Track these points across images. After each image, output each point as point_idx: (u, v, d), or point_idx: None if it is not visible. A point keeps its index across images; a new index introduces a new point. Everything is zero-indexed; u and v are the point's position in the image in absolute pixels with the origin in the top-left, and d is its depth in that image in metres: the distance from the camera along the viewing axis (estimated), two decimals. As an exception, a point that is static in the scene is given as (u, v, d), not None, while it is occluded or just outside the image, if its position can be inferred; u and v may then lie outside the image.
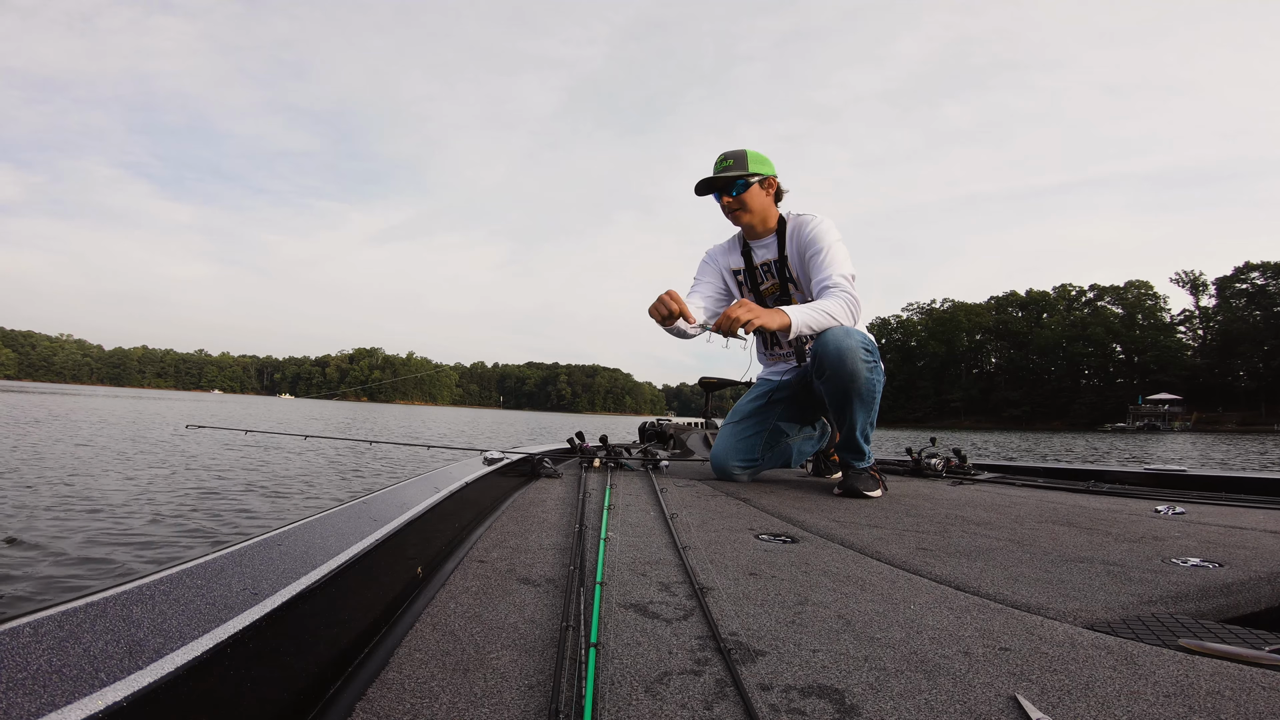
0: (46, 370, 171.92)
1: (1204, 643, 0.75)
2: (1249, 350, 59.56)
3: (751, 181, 2.25)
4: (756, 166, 2.26)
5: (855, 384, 2.10)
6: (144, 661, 0.43)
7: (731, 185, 2.26)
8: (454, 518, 1.27)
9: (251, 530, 3.42)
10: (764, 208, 2.30)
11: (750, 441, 2.47)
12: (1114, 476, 2.58)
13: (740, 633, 0.78)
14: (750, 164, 2.26)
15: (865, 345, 2.11)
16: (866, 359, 2.11)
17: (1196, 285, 68.83)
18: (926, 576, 1.09)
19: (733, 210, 2.30)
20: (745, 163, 2.26)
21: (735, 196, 2.26)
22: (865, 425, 2.20)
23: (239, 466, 6.15)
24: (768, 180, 2.28)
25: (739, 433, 2.48)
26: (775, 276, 2.39)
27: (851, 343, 2.08)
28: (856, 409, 2.16)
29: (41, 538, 3.00)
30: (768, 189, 2.29)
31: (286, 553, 0.73)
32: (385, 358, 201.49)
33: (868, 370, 2.11)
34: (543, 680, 0.64)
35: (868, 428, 2.22)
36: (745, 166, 2.25)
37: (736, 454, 2.46)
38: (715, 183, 2.28)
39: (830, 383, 2.15)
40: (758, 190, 2.27)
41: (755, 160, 2.27)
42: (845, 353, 2.08)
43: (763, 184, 2.28)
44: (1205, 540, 1.39)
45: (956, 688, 0.64)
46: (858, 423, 2.18)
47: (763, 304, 2.39)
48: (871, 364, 2.13)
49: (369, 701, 0.59)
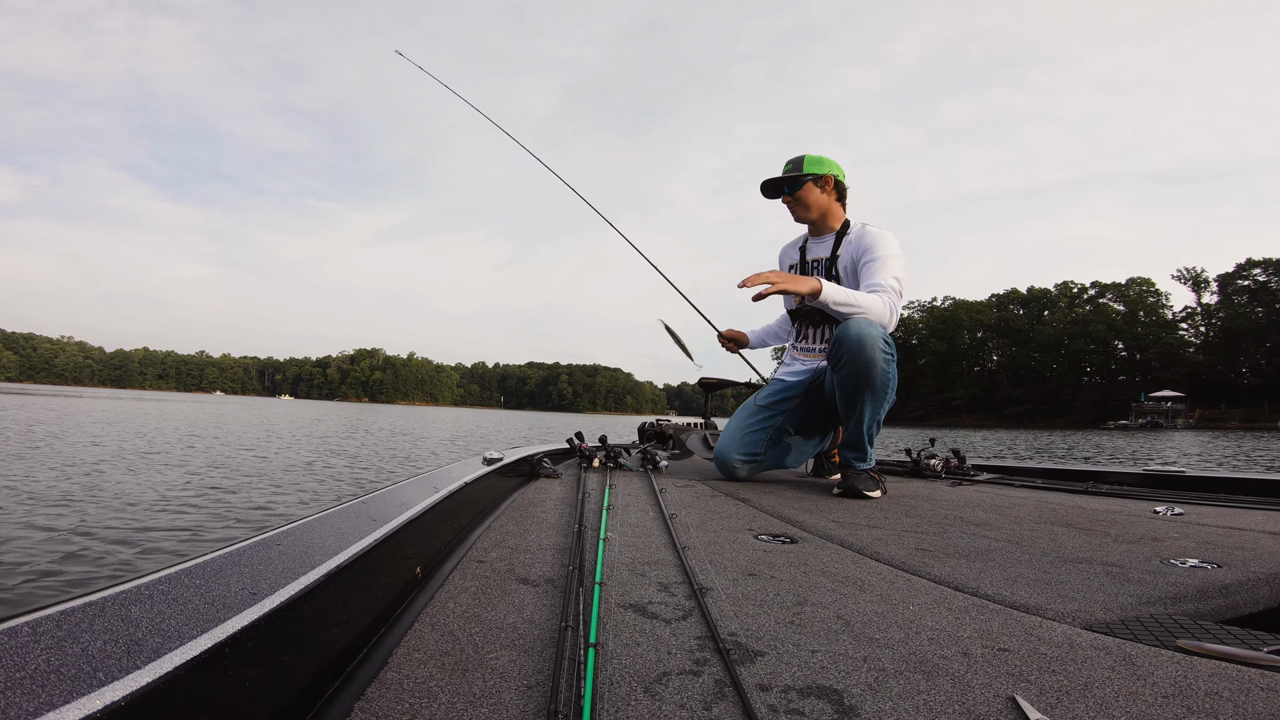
0: (48, 372, 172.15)
1: (1202, 644, 0.75)
2: (1251, 347, 59.45)
3: (805, 180, 2.39)
4: (812, 167, 2.41)
5: (871, 372, 2.12)
6: (142, 661, 0.43)
7: (789, 185, 2.43)
8: (453, 518, 1.27)
9: (250, 530, 3.43)
10: (823, 206, 2.43)
11: (755, 437, 2.50)
12: (1113, 477, 2.58)
13: (739, 633, 0.78)
14: (806, 165, 2.41)
15: (885, 338, 2.15)
16: (885, 350, 2.14)
17: (1198, 282, 68.70)
18: (925, 577, 1.09)
19: (792, 208, 2.46)
20: (801, 165, 2.41)
21: (792, 195, 2.43)
22: (872, 423, 2.21)
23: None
24: (823, 179, 2.41)
25: (747, 427, 2.52)
26: (821, 273, 2.45)
27: (874, 331, 2.12)
28: (867, 401, 2.17)
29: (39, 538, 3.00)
30: (824, 187, 2.42)
31: (285, 552, 0.73)
32: (386, 358, 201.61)
33: (884, 362, 2.13)
34: (542, 680, 0.64)
35: (874, 426, 2.22)
36: (801, 168, 2.41)
37: (740, 448, 2.50)
38: (774, 183, 2.45)
39: (846, 369, 2.16)
40: (813, 188, 2.41)
41: (812, 162, 2.42)
42: (865, 340, 2.10)
43: (818, 182, 2.41)
44: (1204, 541, 1.39)
45: (955, 688, 0.64)
46: (865, 416, 2.19)
47: (803, 302, 2.48)
48: (889, 357, 2.15)
49: (368, 701, 0.59)
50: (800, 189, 2.40)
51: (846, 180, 2.46)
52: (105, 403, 27.89)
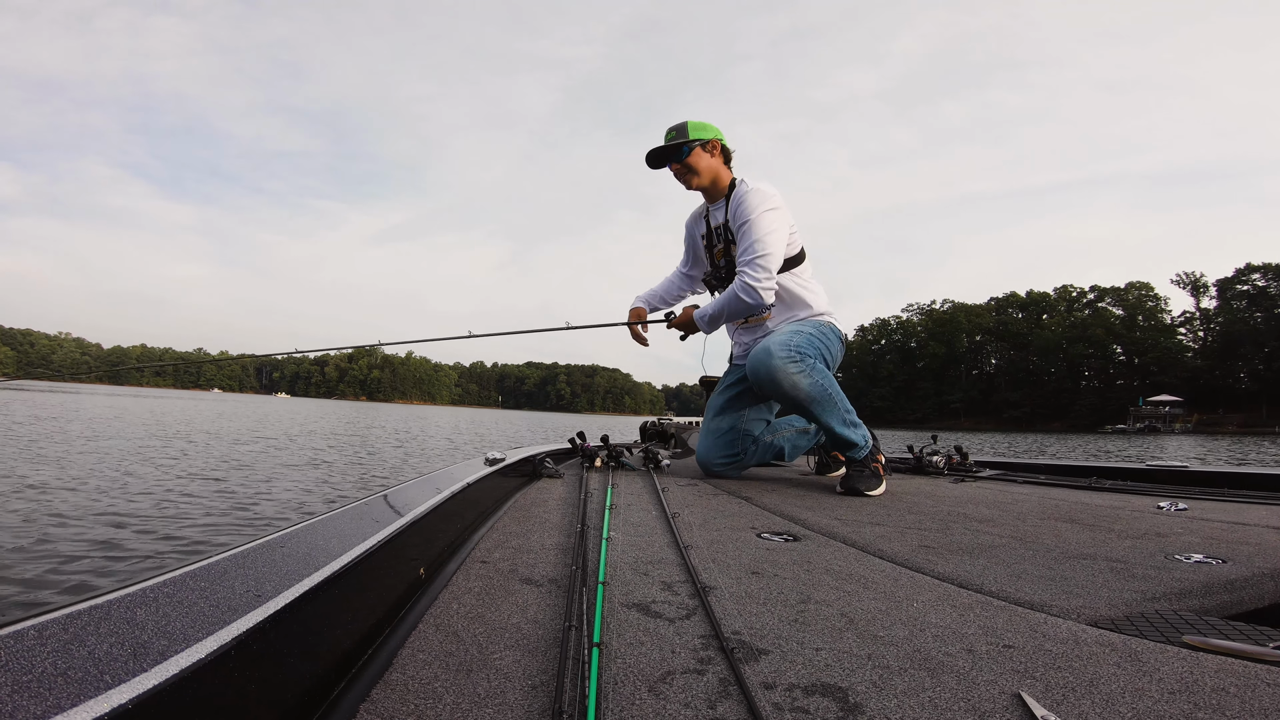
0: (45, 369, 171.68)
1: (1208, 639, 0.75)
2: (1250, 352, 59.49)
3: (693, 145, 2.33)
4: (697, 133, 2.34)
5: (798, 395, 2.16)
6: (148, 664, 0.43)
7: (675, 153, 2.34)
8: (456, 518, 1.27)
9: (255, 532, 3.42)
10: (712, 170, 2.37)
11: (728, 438, 2.50)
12: (1116, 473, 2.58)
13: (743, 631, 0.78)
14: (691, 131, 2.34)
15: (790, 357, 2.14)
16: (796, 369, 2.13)
17: (1197, 286, 68.78)
18: (929, 574, 1.09)
19: (681, 176, 2.38)
20: (686, 131, 2.34)
21: (681, 163, 2.35)
22: (838, 419, 2.22)
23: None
24: (709, 143, 2.35)
25: (716, 429, 2.52)
26: (721, 241, 2.44)
27: (775, 362, 2.13)
28: (817, 413, 2.21)
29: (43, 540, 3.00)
30: (711, 151, 2.36)
31: (289, 554, 0.73)
32: (384, 357, 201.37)
33: (805, 379, 2.14)
34: (546, 680, 0.64)
35: (843, 418, 2.22)
36: (686, 134, 2.34)
37: (717, 450, 2.50)
38: (662, 153, 2.37)
39: (779, 400, 2.23)
40: (701, 153, 2.34)
41: (696, 128, 2.35)
42: (774, 372, 2.14)
43: (705, 147, 2.35)
44: (1208, 536, 1.39)
45: (960, 685, 0.64)
46: (828, 421, 2.21)
47: (714, 266, 2.51)
48: (803, 370, 2.14)
49: (373, 703, 0.59)
50: (690, 155, 2.33)
51: (728, 143, 2.40)
52: (109, 400, 27.80)
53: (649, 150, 2.37)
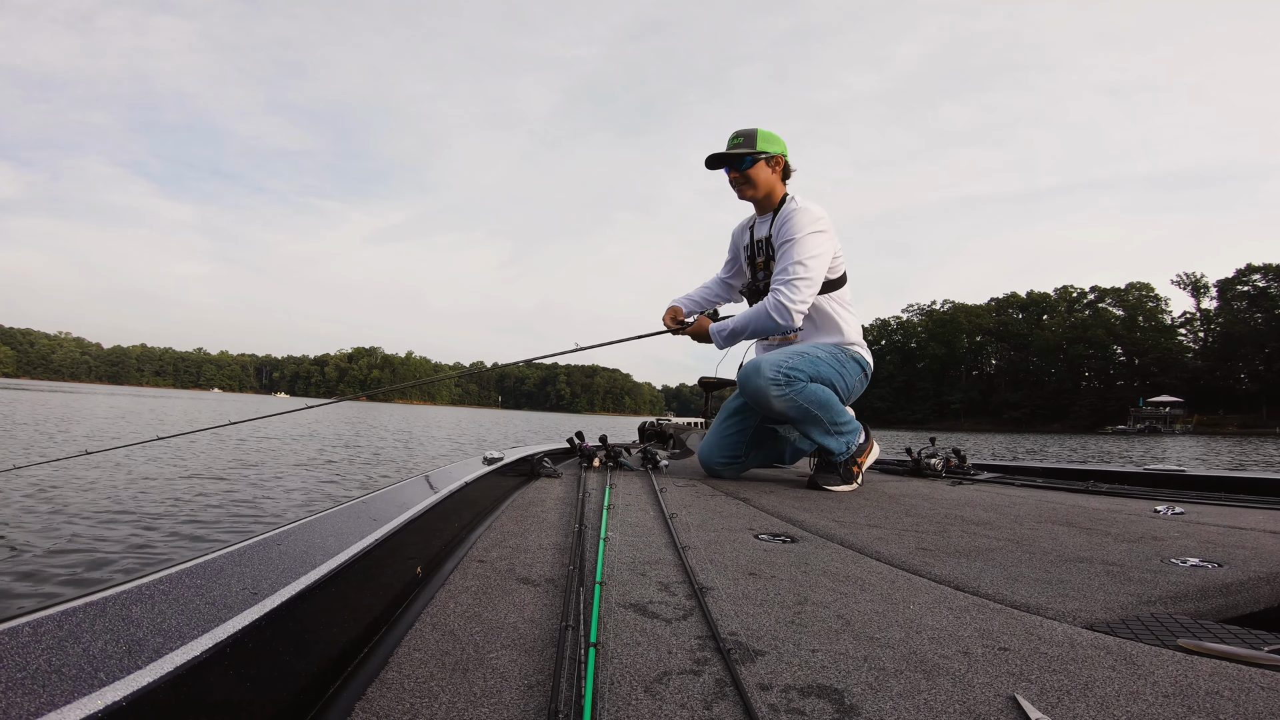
0: (45, 368, 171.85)
1: (1203, 643, 0.75)
2: (1250, 353, 59.54)
3: (759, 158, 2.30)
4: (765, 145, 2.32)
5: (777, 415, 2.21)
6: (143, 661, 0.43)
7: (739, 161, 2.31)
8: (453, 517, 1.27)
9: (252, 530, 3.42)
10: (769, 184, 2.35)
11: (733, 439, 2.52)
12: (1113, 476, 2.59)
13: (740, 632, 0.78)
14: (759, 142, 2.31)
15: (775, 380, 2.15)
16: (778, 391, 2.15)
17: (1198, 287, 68.83)
18: (926, 576, 1.09)
19: (738, 185, 2.37)
20: (754, 141, 2.32)
21: (741, 172, 2.32)
22: (819, 430, 2.26)
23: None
24: (774, 158, 2.33)
25: (724, 430, 2.54)
26: (764, 254, 2.44)
27: (760, 382, 2.15)
28: (803, 429, 2.26)
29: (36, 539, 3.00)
30: (774, 167, 2.34)
31: (286, 552, 0.73)
32: (384, 357, 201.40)
33: (785, 402, 2.17)
34: (542, 680, 0.64)
35: (827, 429, 2.26)
36: (754, 144, 2.31)
37: (720, 450, 2.52)
38: (724, 158, 2.34)
39: (765, 415, 2.28)
40: (764, 167, 2.32)
41: (764, 139, 2.32)
42: (757, 391, 2.17)
43: (769, 161, 2.32)
44: (1204, 540, 1.39)
45: (956, 687, 0.64)
46: (809, 432, 2.27)
47: (754, 277, 2.49)
48: (785, 394, 2.16)
49: (368, 701, 0.59)
50: (751, 166, 2.30)
51: (792, 159, 2.39)
52: (112, 399, 27.77)
53: (710, 154, 2.35)
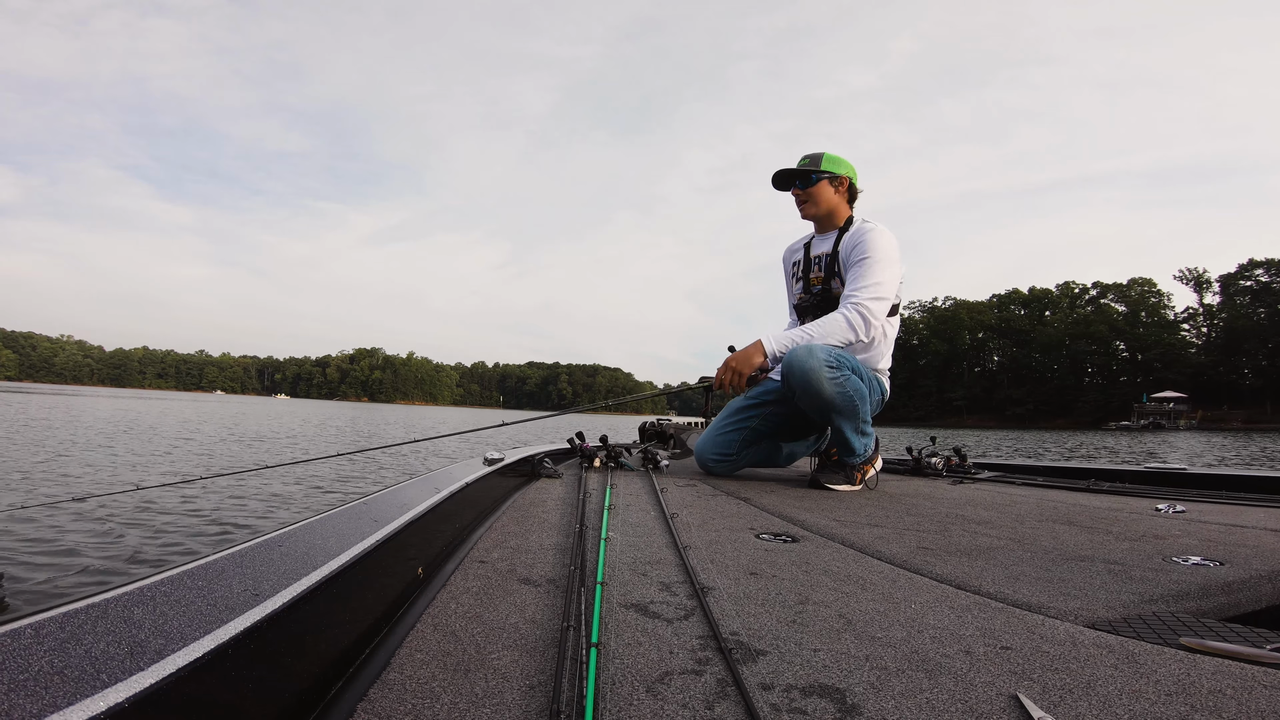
0: (47, 371, 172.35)
1: (1205, 641, 0.75)
2: (1254, 348, 59.41)
3: (822, 176, 2.37)
4: (830, 166, 2.39)
5: (825, 401, 2.16)
6: (145, 663, 0.43)
7: (803, 178, 2.40)
8: (454, 518, 1.27)
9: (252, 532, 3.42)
10: (832, 204, 2.41)
11: (728, 438, 2.53)
12: (1114, 475, 2.58)
13: (741, 632, 0.78)
14: (824, 163, 2.39)
15: (829, 362, 2.14)
16: (832, 375, 2.13)
17: (1200, 282, 68.65)
18: (927, 575, 1.09)
19: (801, 203, 2.44)
20: (820, 161, 2.40)
21: (804, 190, 2.40)
22: (852, 427, 2.24)
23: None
24: (839, 179, 2.39)
25: (723, 427, 2.56)
26: (823, 270, 2.45)
27: (814, 363, 2.12)
28: (838, 421, 2.23)
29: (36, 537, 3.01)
30: (838, 187, 2.40)
31: (288, 553, 0.73)
32: (386, 358, 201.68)
33: (836, 386, 2.14)
34: (544, 680, 0.64)
35: (859, 428, 2.25)
36: (819, 164, 2.39)
37: (713, 448, 2.54)
38: (789, 175, 2.42)
39: (803, 401, 2.22)
40: (827, 186, 2.39)
41: (830, 161, 2.40)
42: (809, 374, 2.13)
43: (833, 181, 2.39)
44: (1206, 539, 1.39)
45: (958, 687, 0.64)
46: (843, 428, 2.24)
47: (808, 291, 2.49)
48: (839, 379, 2.14)
49: (370, 702, 0.59)
50: (815, 185, 2.38)
51: (859, 185, 2.44)
52: (112, 402, 27.84)
53: (777, 170, 2.43)
